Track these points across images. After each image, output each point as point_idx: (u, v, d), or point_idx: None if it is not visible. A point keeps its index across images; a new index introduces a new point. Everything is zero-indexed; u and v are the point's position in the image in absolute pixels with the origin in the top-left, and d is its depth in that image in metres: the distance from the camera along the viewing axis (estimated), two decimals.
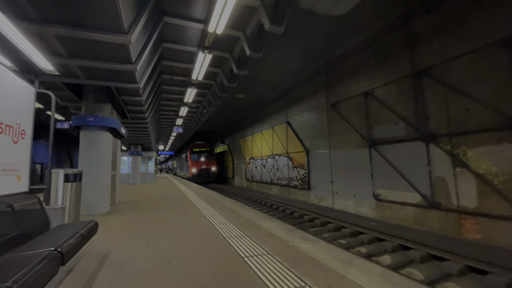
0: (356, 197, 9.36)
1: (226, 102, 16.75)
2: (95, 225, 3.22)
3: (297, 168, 13.12)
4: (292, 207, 10.48)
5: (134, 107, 8.12)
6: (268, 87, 14.53)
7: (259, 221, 5.29)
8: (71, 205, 4.02)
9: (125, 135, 8.29)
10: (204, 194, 10.48)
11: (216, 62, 7.72)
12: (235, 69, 6.92)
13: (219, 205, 7.59)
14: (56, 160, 26.05)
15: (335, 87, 10.61)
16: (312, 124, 12.13)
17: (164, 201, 8.70)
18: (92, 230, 3.05)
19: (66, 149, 28.85)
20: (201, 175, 25.37)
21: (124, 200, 9.13)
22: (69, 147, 29.38)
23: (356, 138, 9.36)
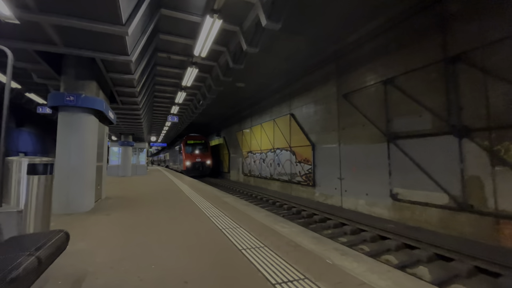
0: (369, 196, 8.58)
1: (224, 91, 15.65)
2: (64, 239, 2.26)
3: (301, 163, 12.27)
4: (297, 205, 9.64)
5: (124, 88, 7.03)
6: (271, 76, 13.54)
7: (274, 225, 4.40)
8: (38, 206, 3.01)
9: (114, 121, 7.23)
10: (202, 190, 9.52)
11: (222, 39, 6.69)
12: (245, 46, 5.92)
13: (221, 203, 6.66)
14: (41, 149, 24.55)
15: (347, 76, 9.72)
16: (319, 116, 11.25)
17: (158, 197, 7.71)
18: (59, 248, 2.09)
19: (52, 138, 27.28)
20: (195, 168, 24.31)
21: (112, 195, 8.10)
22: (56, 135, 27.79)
23: (372, 132, 8.52)
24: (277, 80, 14.02)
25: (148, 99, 10.77)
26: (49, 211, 3.22)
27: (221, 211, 5.54)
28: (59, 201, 5.11)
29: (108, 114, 6.33)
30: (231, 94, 17.05)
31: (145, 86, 8.40)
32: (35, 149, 22.84)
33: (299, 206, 9.51)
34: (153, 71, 8.54)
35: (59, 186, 5.11)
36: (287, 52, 10.54)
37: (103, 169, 7.00)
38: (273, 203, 10.80)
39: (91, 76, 5.52)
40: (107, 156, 19.01)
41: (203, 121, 28.72)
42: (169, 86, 10.46)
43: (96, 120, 5.84)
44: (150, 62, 7.33)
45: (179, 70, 8.71)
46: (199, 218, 4.92)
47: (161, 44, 7.00)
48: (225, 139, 25.76)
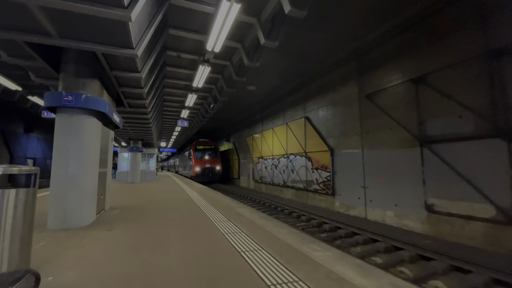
0: (399, 207, 7.70)
1: (235, 95, 15.13)
2: (32, 283, 1.60)
3: (318, 169, 11.46)
4: (317, 217, 8.82)
5: (131, 89, 6.48)
6: (284, 77, 12.88)
7: (302, 247, 3.65)
8: (14, 230, 2.37)
9: (119, 125, 6.67)
10: (213, 198, 8.84)
11: (237, 33, 6.08)
12: (263, 39, 5.27)
13: (236, 215, 5.94)
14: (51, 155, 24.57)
15: (370, 75, 8.95)
16: (338, 119, 10.47)
17: (167, 207, 7.07)
18: None
19: None
20: (205, 174, 23.76)
21: (117, 204, 7.51)
22: None
23: (401, 135, 7.69)
24: (290, 82, 13.36)
25: (157, 103, 10.26)
26: (29, 234, 2.58)
27: (236, 227, 4.82)
28: (55, 215, 4.52)
29: (112, 117, 5.77)
30: (242, 98, 16.48)
31: (154, 87, 7.86)
32: (45, 155, 22.79)
33: (319, 217, 8.69)
34: (162, 72, 8.01)
35: (55, 198, 4.52)
36: (302, 51, 9.87)
37: (107, 176, 6.42)
38: (289, 213, 10.00)
39: (93, 74, 4.97)
40: (116, 162, 18.82)
41: (213, 127, 28.29)
42: (179, 88, 9.93)
43: (99, 123, 5.27)
44: (159, 61, 6.78)
45: (189, 70, 8.15)
46: (213, 235, 4.22)
47: (170, 41, 6.45)
48: (234, 144, 25.16)
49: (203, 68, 6.70)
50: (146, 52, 5.28)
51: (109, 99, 5.99)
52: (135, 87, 6.41)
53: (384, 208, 8.17)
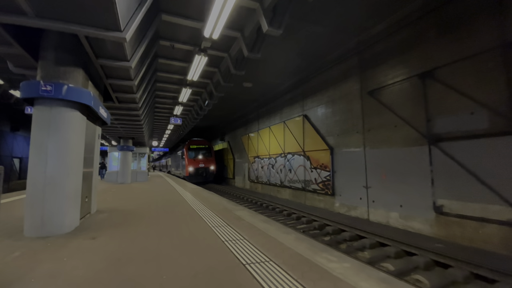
0: (404, 208, 7.36)
1: (230, 92, 14.67)
2: None
3: (317, 169, 11.07)
4: (318, 218, 8.42)
5: (119, 81, 5.92)
6: (282, 74, 12.46)
7: (315, 257, 3.21)
8: None
9: (107, 121, 6.11)
10: (208, 200, 8.34)
11: (236, 21, 5.60)
12: (266, 27, 4.80)
13: (235, 219, 5.47)
14: None
15: (373, 71, 8.59)
16: (338, 117, 10.10)
17: (159, 209, 6.54)
18: None
19: None
20: (199, 174, 23.15)
21: (105, 207, 6.94)
22: None
23: (407, 133, 7.35)
24: (288, 78, 12.94)
25: (149, 98, 9.68)
26: None
27: (237, 232, 4.35)
28: (31, 221, 3.96)
29: (99, 111, 5.21)
30: (238, 95, 15.99)
31: (145, 80, 7.31)
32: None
33: (320, 219, 8.29)
34: (154, 64, 7.46)
35: (31, 201, 3.96)
36: (302, 46, 9.48)
37: (94, 177, 5.86)
38: (288, 214, 9.58)
39: (76, 63, 4.41)
40: (104, 162, 17.98)
41: (206, 125, 27.68)
42: (172, 83, 9.39)
43: (82, 118, 4.72)
44: (150, 51, 6.25)
45: (184, 63, 7.64)
46: (212, 244, 3.74)
47: (163, 28, 5.93)
48: (229, 143, 24.63)
49: (199, 59, 6.19)
50: (136, 38, 4.75)
51: (95, 91, 5.43)
52: (124, 79, 5.86)
53: (388, 209, 7.83)
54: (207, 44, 5.38)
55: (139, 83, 6.85)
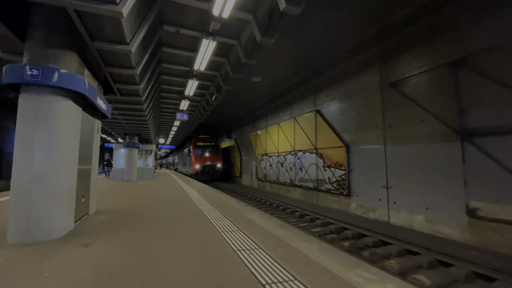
0: (431, 211, 6.68)
1: (238, 88, 14.11)
2: None
3: (330, 167, 10.42)
4: (334, 220, 7.81)
5: (120, 70, 5.40)
6: (293, 67, 11.82)
7: (350, 274, 2.62)
8: None
9: (107, 113, 5.63)
10: (216, 200, 7.81)
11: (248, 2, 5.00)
12: (284, 4, 4.18)
13: (246, 222, 4.91)
14: None
15: (395, 61, 7.88)
16: (355, 112, 9.41)
17: (164, 210, 6.02)
18: None
19: None
20: (205, 172, 22.71)
21: (106, 207, 6.47)
22: None
23: (435, 128, 6.65)
24: (299, 72, 12.29)
25: (154, 92, 9.19)
26: None
27: (250, 240, 3.78)
28: (15, 225, 3.47)
29: (96, 101, 4.70)
30: (245, 91, 15.42)
31: (148, 70, 6.79)
32: None
33: (337, 221, 7.67)
34: (158, 53, 6.94)
35: (15, 202, 3.47)
36: (315, 36, 8.84)
37: (92, 174, 5.37)
38: (300, 216, 8.97)
39: (68, 45, 3.89)
40: (110, 160, 17.50)
41: (212, 123, 27.21)
42: (178, 76, 8.86)
43: (77, 108, 4.21)
44: (153, 37, 5.71)
45: (190, 52, 7.10)
46: (223, 254, 3.18)
47: (167, 11, 5.37)
48: (236, 141, 24.10)
49: (206, 44, 5.60)
50: (136, 17, 4.21)
51: (93, 81, 4.93)
52: (125, 67, 5.34)
53: (412, 212, 7.15)
54: (216, 26, 4.78)
55: (142, 73, 6.33)
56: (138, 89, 6.43)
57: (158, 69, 7.78)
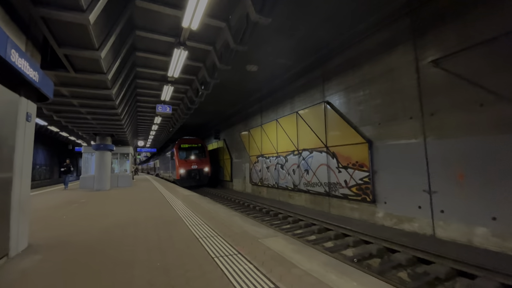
0: (501, 222, 5.07)
1: (227, 81, 12.20)
2: None
3: (347, 168, 8.70)
4: (368, 237, 6.03)
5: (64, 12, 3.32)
6: (296, 53, 10.03)
7: None
8: None
9: (44, 89, 3.52)
10: (213, 216, 5.80)
11: None
12: None
13: (277, 263, 2.98)
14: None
15: (439, 32, 6.29)
16: (379, 100, 7.76)
17: (139, 243, 3.95)
18: None
19: None
20: (191, 177, 20.39)
21: (50, 236, 4.30)
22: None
23: (502, 114, 5.07)
24: (304, 58, 10.51)
25: (126, 75, 7.05)
26: None
27: None
28: None
29: (12, 60, 2.61)
30: (236, 84, 13.46)
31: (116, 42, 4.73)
32: None
33: (374, 239, 5.88)
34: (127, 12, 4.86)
35: None
36: (326, 10, 7.15)
37: (15, 187, 3.23)
38: (319, 231, 7.11)
39: None
40: (69, 165, 14.40)
41: (198, 122, 24.96)
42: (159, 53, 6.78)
43: None
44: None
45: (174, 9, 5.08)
46: None
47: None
48: (225, 141, 22.03)
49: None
50: None
51: (16, 34, 2.83)
52: (70, 8, 3.26)
53: (471, 223, 5.52)
54: None
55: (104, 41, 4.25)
56: (98, 56, 4.32)
57: (131, 38, 5.69)
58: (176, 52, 5.53)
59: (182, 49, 5.43)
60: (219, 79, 7.61)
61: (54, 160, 31.71)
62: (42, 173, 26.87)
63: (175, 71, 6.32)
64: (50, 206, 7.56)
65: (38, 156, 25.88)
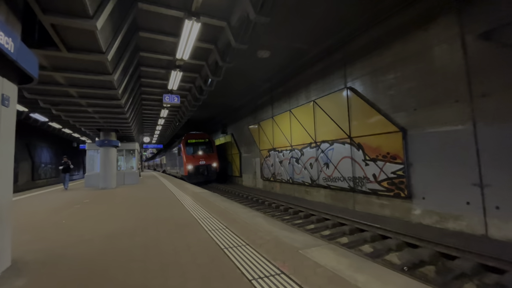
0: None
1: (239, 69, 11.32)
2: None
3: (376, 161, 7.83)
4: (404, 236, 5.21)
5: None
6: (315, 33, 9.09)
7: None
8: None
9: (24, 64, 2.74)
10: (234, 218, 5.03)
11: None
12: None
13: (308, 267, 2.19)
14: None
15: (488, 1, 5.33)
16: (414, 83, 6.85)
17: (149, 253, 3.20)
18: None
19: (24, 142, 22.47)
20: (199, 173, 19.69)
21: (41, 248, 3.58)
22: (28, 139, 23.02)
23: None
24: (322, 40, 9.54)
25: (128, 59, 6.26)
26: None
27: None
28: None
29: None
30: (245, 74, 12.58)
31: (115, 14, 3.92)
32: None
33: (422, 243, 5.05)
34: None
35: None
36: None
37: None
38: (352, 231, 6.29)
39: None
40: (67, 163, 13.07)
41: (204, 117, 24.19)
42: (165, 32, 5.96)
43: None
44: None
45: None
46: None
47: None
48: (233, 136, 21.22)
49: None
50: None
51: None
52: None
53: None
54: None
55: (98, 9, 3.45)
56: (94, 27, 3.52)
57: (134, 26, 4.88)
58: (186, 26, 4.72)
59: (194, 20, 4.60)
60: (233, 63, 6.75)
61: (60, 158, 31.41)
62: (48, 172, 26.49)
63: (185, 52, 5.49)
64: (49, 208, 6.89)
65: (43, 154, 25.48)
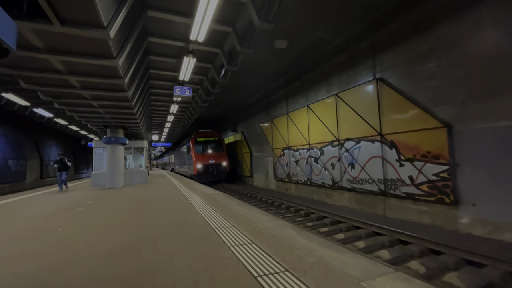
0: None
1: (252, 61, 10.55)
2: None
3: (413, 161, 6.90)
4: (461, 252, 4.30)
5: None
6: (338, 23, 8.20)
7: None
8: None
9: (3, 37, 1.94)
10: (255, 226, 4.22)
11: None
12: None
13: None
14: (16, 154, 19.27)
15: None
16: (462, 72, 5.89)
17: (163, 283, 2.41)
18: None
19: (32, 140, 22.21)
20: (209, 172, 19.01)
21: (19, 274, 2.85)
22: (37, 136, 22.77)
23: None
24: (346, 28, 8.63)
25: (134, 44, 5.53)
26: None
27: None
28: None
29: None
30: (261, 66, 11.74)
31: None
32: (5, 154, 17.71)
33: (471, 254, 4.15)
34: None
35: None
36: None
37: None
38: (390, 243, 5.41)
39: None
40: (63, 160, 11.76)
41: (213, 115, 23.49)
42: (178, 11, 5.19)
43: None
44: None
45: None
46: None
47: None
48: (243, 134, 20.44)
49: None
50: None
51: None
52: None
53: None
54: None
55: None
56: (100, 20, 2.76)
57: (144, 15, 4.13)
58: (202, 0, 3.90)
59: None
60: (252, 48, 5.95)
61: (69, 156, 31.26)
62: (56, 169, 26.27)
63: (200, 33, 4.65)
64: (48, 212, 6.23)
65: (52, 152, 25.27)
